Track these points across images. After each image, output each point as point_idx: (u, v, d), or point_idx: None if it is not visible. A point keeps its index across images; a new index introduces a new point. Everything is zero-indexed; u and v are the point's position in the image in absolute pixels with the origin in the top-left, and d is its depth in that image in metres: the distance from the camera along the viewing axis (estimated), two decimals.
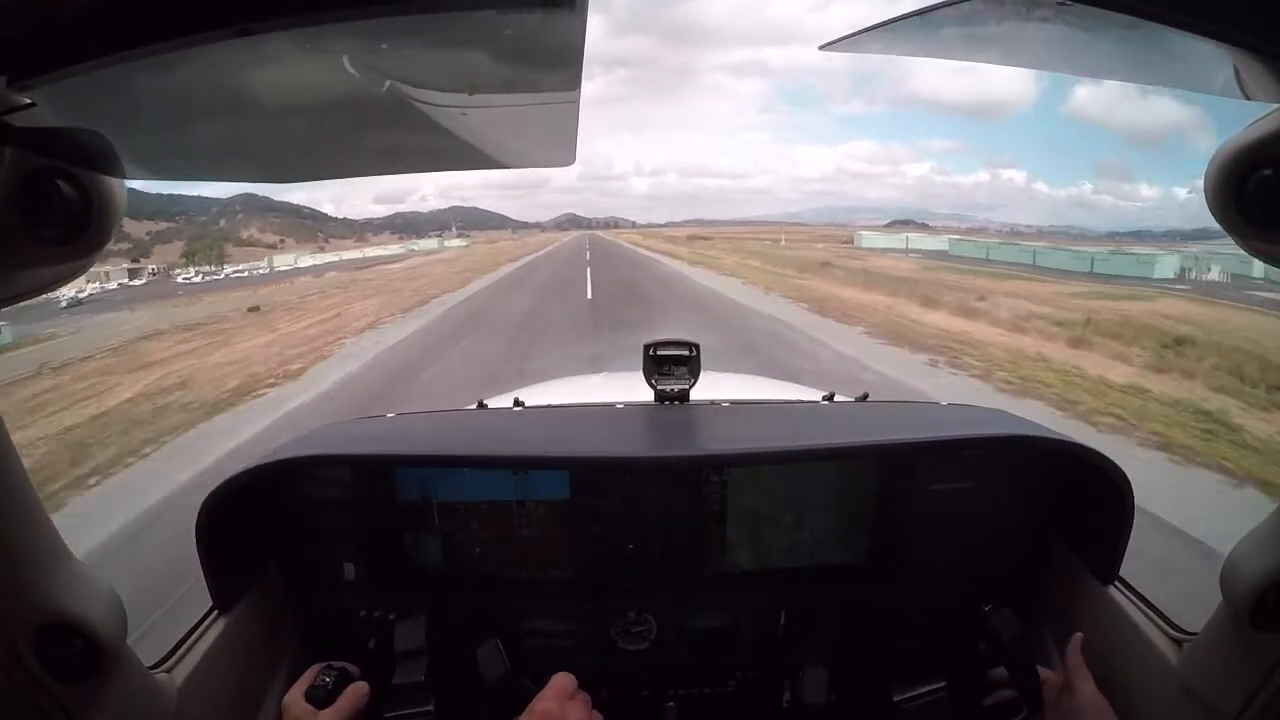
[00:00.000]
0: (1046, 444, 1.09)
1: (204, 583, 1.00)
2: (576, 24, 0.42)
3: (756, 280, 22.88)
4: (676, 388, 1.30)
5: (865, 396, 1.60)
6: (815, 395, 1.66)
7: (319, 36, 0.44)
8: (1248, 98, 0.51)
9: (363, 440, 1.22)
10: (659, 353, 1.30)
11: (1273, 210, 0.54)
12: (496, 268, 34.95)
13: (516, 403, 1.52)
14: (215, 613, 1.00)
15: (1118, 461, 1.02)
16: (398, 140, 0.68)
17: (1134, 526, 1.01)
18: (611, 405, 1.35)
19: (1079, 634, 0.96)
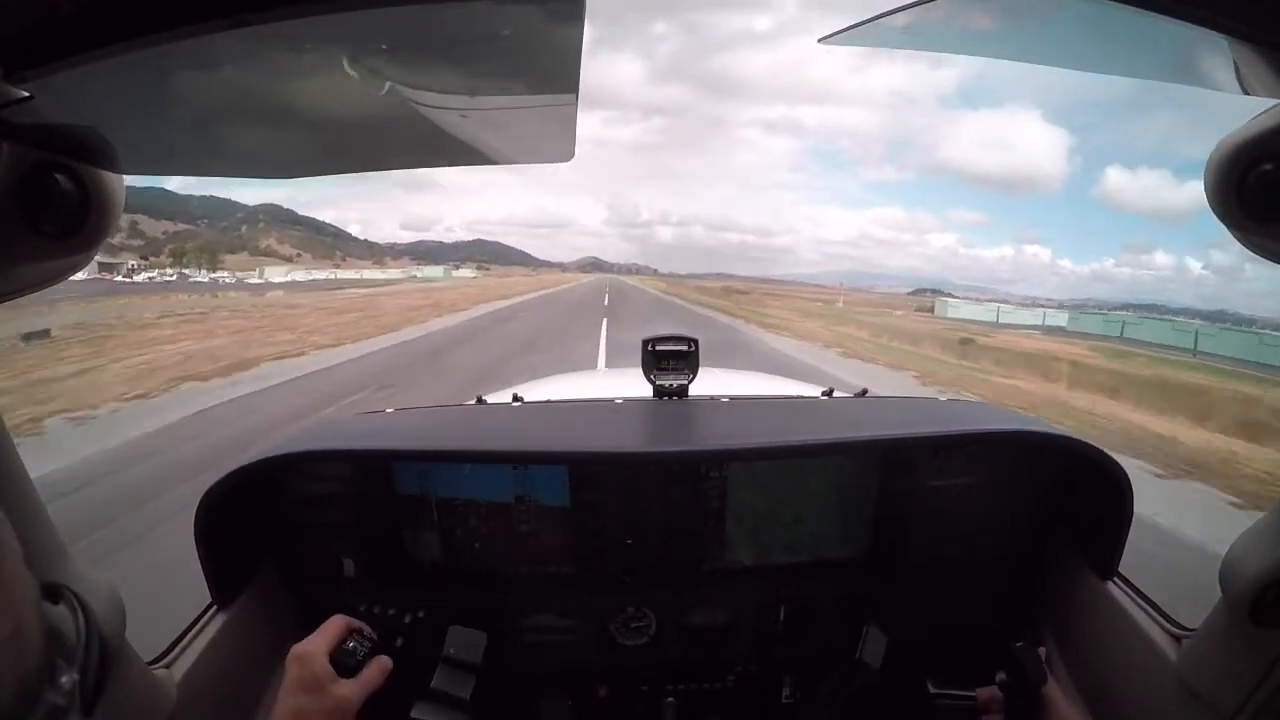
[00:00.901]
0: (1046, 439, 1.09)
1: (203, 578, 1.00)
2: (574, 22, 0.42)
3: (895, 361, 16.16)
4: (675, 383, 1.30)
5: (865, 392, 1.60)
6: (814, 391, 1.66)
7: (317, 33, 0.44)
8: (1247, 92, 0.51)
9: (361, 435, 1.22)
10: (658, 348, 1.30)
11: (1273, 205, 0.53)
12: (472, 306, 29.37)
13: (515, 398, 1.52)
14: (214, 608, 1.00)
15: None
16: (396, 136, 0.68)
17: None
18: (610, 400, 1.35)
19: (1041, 649, 0.94)
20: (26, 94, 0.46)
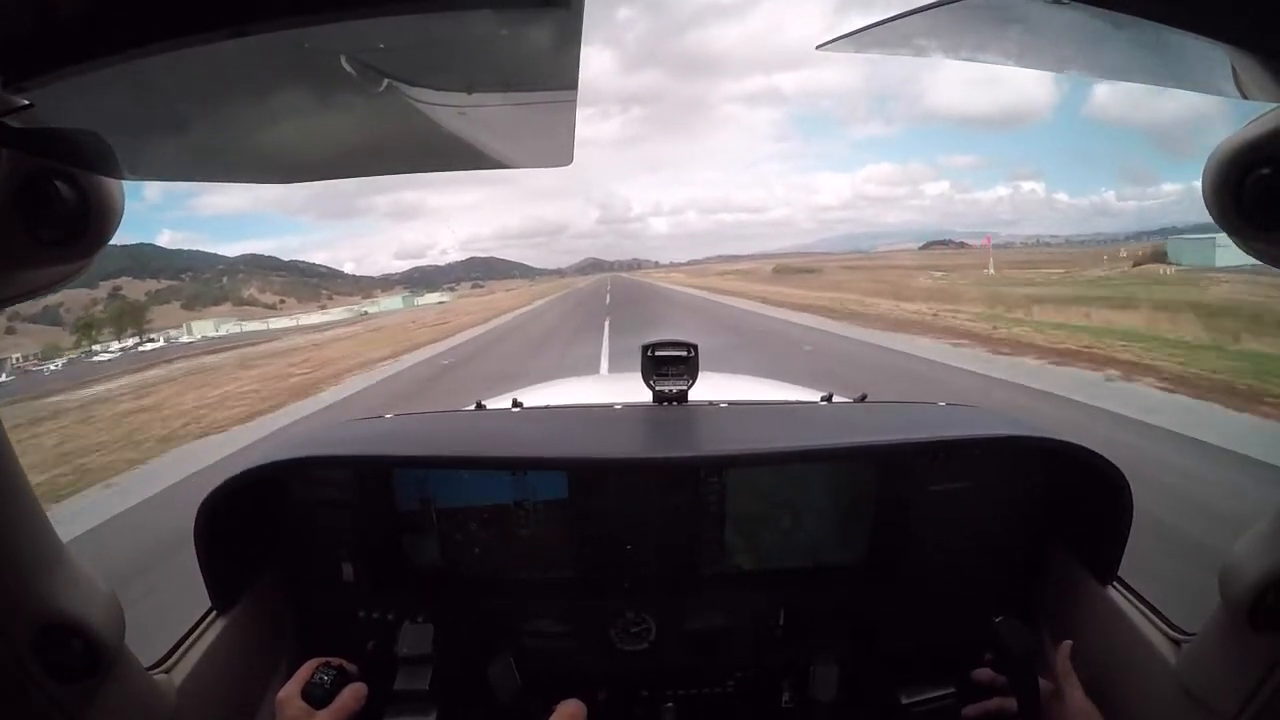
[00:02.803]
0: (1045, 444, 1.09)
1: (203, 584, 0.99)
2: (572, 22, 0.42)
3: None
4: (675, 388, 1.30)
5: (864, 397, 1.60)
6: (814, 396, 1.66)
7: (316, 37, 0.44)
8: (1245, 97, 0.51)
9: (360, 441, 1.21)
10: (657, 353, 1.30)
11: (1272, 209, 0.53)
12: (406, 353, 19.94)
13: (515, 403, 1.52)
14: (214, 613, 0.99)
15: None
16: (396, 140, 0.69)
17: None
18: (610, 406, 1.35)
19: (1068, 641, 0.95)
20: (26, 102, 0.46)
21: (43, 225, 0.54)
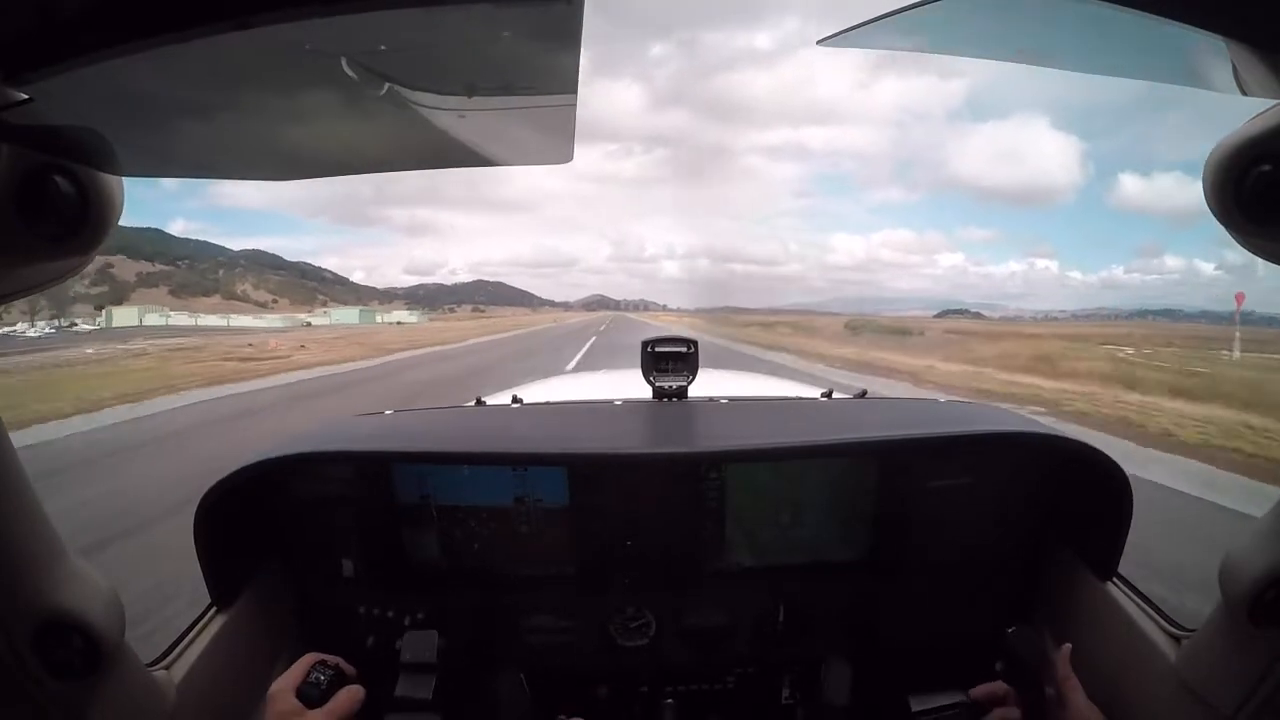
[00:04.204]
0: (1045, 440, 1.09)
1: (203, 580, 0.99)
2: (573, 21, 0.42)
3: None
4: (674, 384, 1.30)
5: (864, 394, 1.60)
6: (814, 392, 1.66)
7: (316, 34, 0.44)
8: (1245, 93, 0.51)
9: (361, 437, 1.21)
10: (657, 349, 1.30)
11: (1272, 206, 0.53)
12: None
13: (515, 399, 1.52)
14: (214, 610, 1.00)
15: None
16: (396, 138, 0.68)
17: None
18: (610, 402, 1.35)
19: (1068, 644, 0.94)
20: (26, 96, 0.46)
21: (42, 220, 0.54)
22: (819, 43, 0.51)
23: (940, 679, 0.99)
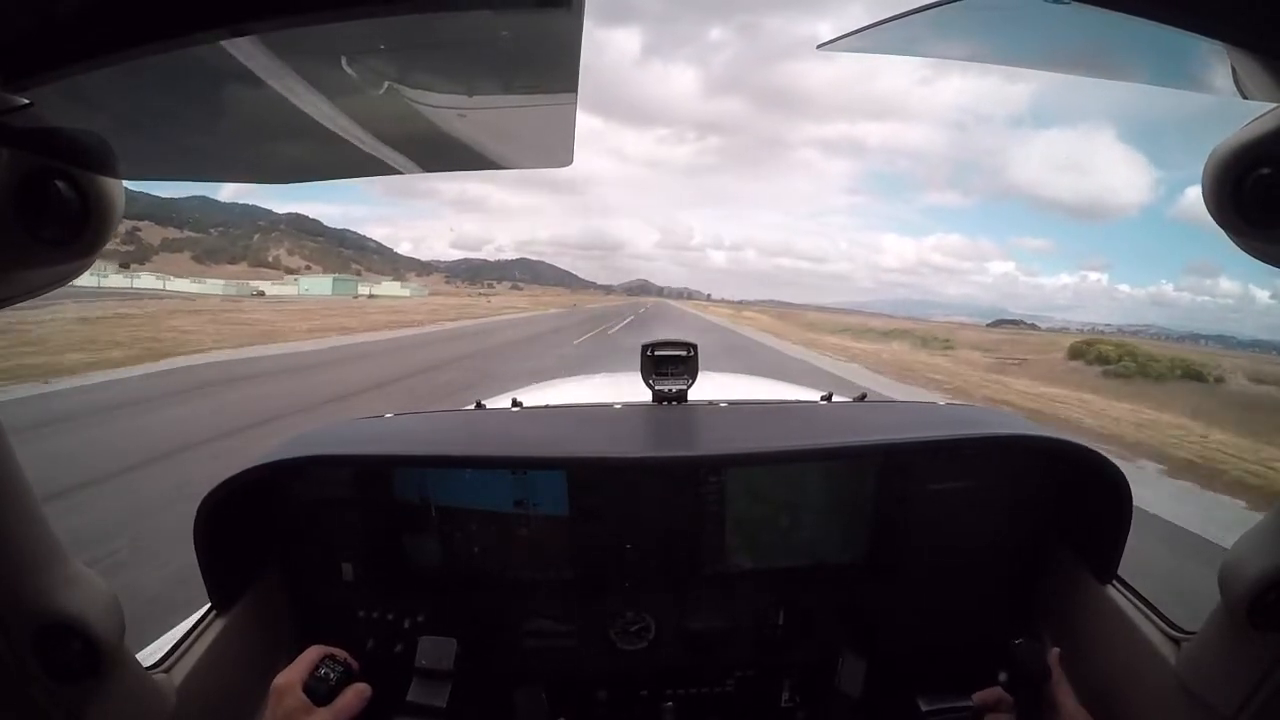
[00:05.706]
0: (1044, 444, 1.09)
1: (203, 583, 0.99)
2: (573, 24, 0.42)
3: None
4: (674, 388, 1.30)
5: (863, 396, 1.60)
6: (813, 396, 1.66)
7: (316, 37, 0.44)
8: (1245, 97, 0.51)
9: (361, 440, 1.21)
10: (657, 353, 1.30)
11: (1271, 209, 0.54)
12: None
13: (515, 403, 1.52)
14: (214, 613, 0.99)
15: None
16: (397, 140, 0.68)
17: None
18: (609, 405, 1.35)
19: (1055, 648, 0.94)
20: (26, 101, 0.46)
21: (42, 224, 0.54)
22: (819, 47, 0.51)
23: (940, 681, 0.99)
